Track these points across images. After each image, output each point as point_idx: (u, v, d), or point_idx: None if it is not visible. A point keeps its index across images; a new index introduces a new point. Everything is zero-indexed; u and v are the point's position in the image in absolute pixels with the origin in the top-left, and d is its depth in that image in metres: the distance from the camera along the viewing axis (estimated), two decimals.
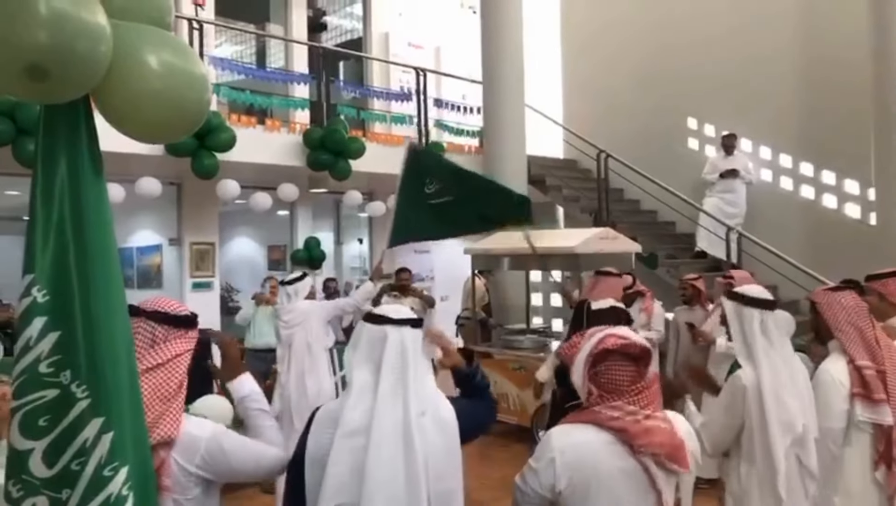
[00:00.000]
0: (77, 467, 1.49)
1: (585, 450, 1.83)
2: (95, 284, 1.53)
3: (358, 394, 1.83)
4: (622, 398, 1.84)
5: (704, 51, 8.55)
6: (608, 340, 1.86)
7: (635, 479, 1.82)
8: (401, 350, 1.84)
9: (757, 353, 2.43)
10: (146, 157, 6.27)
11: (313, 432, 1.87)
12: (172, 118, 1.56)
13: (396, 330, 1.87)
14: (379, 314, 1.91)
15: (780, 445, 2.36)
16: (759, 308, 2.45)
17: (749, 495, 2.44)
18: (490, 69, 8.04)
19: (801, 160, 7.96)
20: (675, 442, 1.83)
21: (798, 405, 2.39)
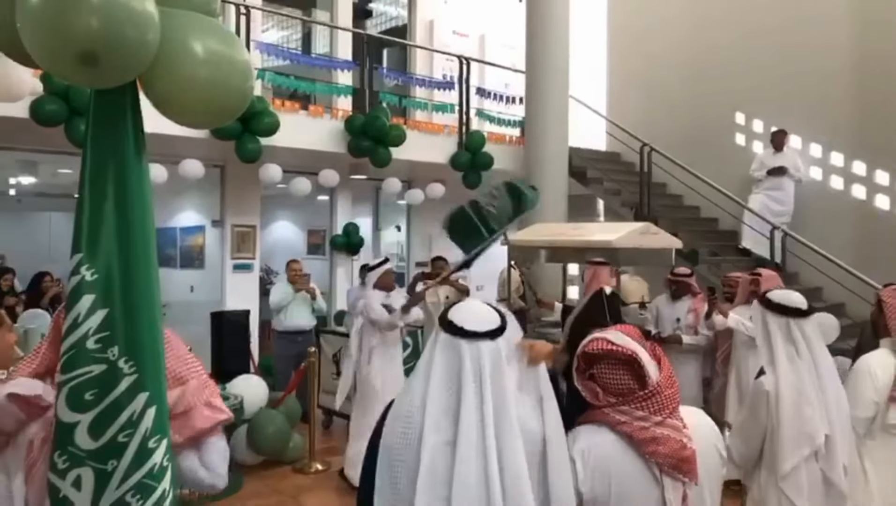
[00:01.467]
0: (124, 438, 1.56)
1: (604, 453, 1.81)
2: (138, 264, 1.58)
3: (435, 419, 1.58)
4: (629, 403, 1.81)
5: (754, 45, 8.32)
6: (592, 343, 1.83)
7: (646, 481, 1.80)
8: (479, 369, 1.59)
9: (779, 360, 2.38)
10: (191, 139, 6.38)
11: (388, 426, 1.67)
12: (216, 104, 1.59)
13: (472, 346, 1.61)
14: (458, 326, 1.63)
15: (790, 454, 2.32)
16: (786, 316, 2.41)
17: (767, 503, 2.40)
18: (534, 59, 7.97)
19: (854, 159, 7.71)
20: (683, 454, 1.78)
21: (821, 416, 2.33)
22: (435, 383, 1.59)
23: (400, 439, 1.59)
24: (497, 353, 1.61)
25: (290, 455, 5.46)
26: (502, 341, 1.63)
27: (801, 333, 2.38)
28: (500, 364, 1.61)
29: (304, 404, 5.89)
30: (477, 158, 8.46)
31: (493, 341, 1.62)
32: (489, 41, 10.76)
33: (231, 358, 6.48)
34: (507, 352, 1.64)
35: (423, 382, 1.61)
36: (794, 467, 2.32)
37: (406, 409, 1.61)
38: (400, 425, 1.60)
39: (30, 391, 1.65)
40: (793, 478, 2.33)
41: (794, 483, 2.34)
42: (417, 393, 1.61)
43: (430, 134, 8.48)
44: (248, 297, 8.07)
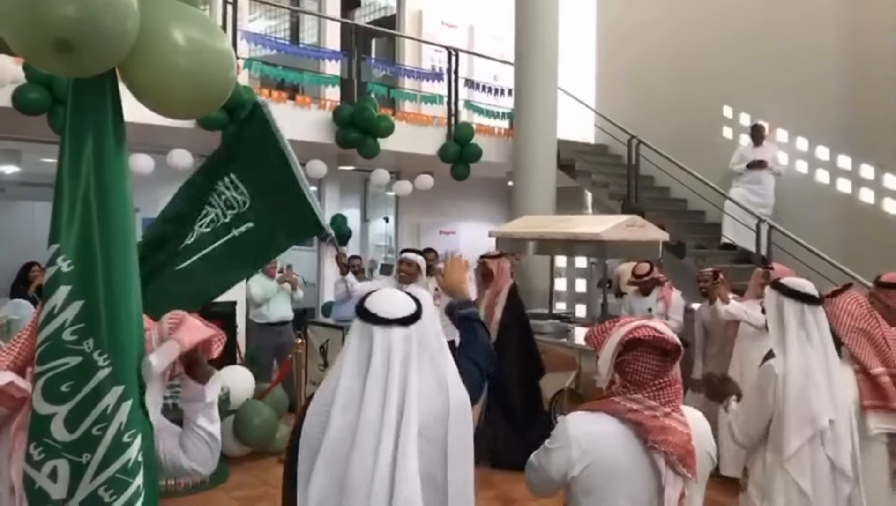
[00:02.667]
0: (98, 432, 1.54)
1: (601, 440, 1.82)
2: (116, 256, 1.56)
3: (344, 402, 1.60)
4: (643, 391, 1.83)
5: (743, 39, 8.34)
6: (641, 330, 1.84)
7: (645, 474, 1.81)
8: (387, 355, 1.60)
9: (790, 345, 2.43)
10: (177, 129, 6.32)
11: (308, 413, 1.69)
12: (197, 94, 1.58)
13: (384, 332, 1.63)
14: (370, 312, 1.65)
15: (793, 436, 2.36)
16: (801, 302, 2.45)
17: (772, 486, 2.43)
18: (523, 50, 7.95)
19: (839, 153, 7.76)
20: (689, 447, 1.81)
21: (827, 401, 2.38)
22: (346, 368, 1.61)
23: (315, 426, 1.61)
24: (408, 340, 1.62)
25: (276, 446, 5.44)
26: (415, 329, 1.64)
27: (815, 320, 2.43)
28: (410, 352, 1.62)
29: (290, 396, 5.88)
30: (466, 150, 8.44)
31: (405, 328, 1.63)
32: (478, 32, 10.73)
33: None
34: (419, 339, 1.64)
35: (337, 368, 1.63)
36: (798, 448, 2.36)
37: (322, 396, 1.64)
38: (316, 411, 1.62)
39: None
40: (797, 459, 2.38)
41: (798, 464, 2.38)
42: (332, 379, 1.63)
43: (418, 125, 8.45)
44: (234, 289, 7.99)
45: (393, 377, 1.59)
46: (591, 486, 1.83)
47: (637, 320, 1.90)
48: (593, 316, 8.42)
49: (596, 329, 1.97)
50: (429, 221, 10.25)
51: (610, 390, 1.89)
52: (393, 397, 1.58)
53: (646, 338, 1.83)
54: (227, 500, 4.69)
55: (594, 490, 1.83)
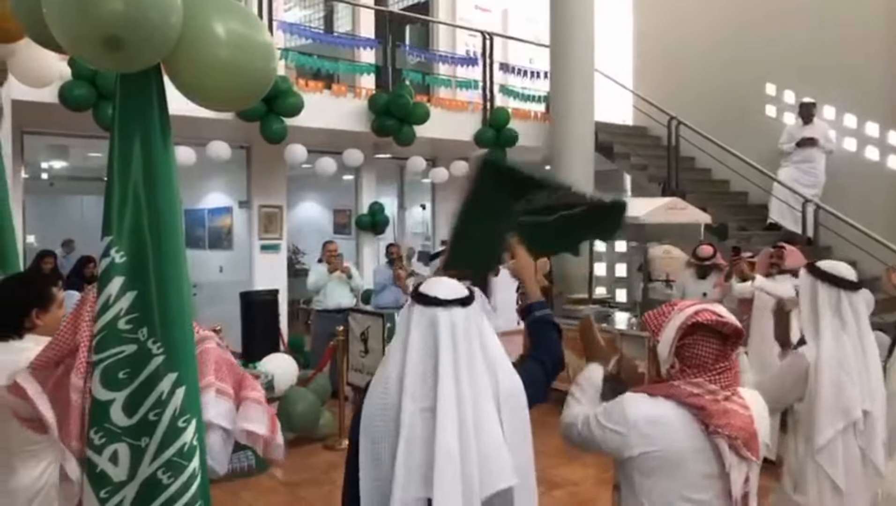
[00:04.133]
0: (154, 417, 1.59)
1: (661, 425, 1.80)
2: (166, 246, 1.60)
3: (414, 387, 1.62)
4: (703, 375, 1.81)
5: (785, 14, 8.09)
6: (702, 314, 1.82)
7: (707, 460, 1.79)
8: (452, 337, 1.63)
9: (824, 332, 2.34)
10: (216, 121, 6.42)
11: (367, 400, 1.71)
12: (239, 86, 1.60)
13: (447, 313, 1.65)
14: (429, 296, 1.69)
15: (826, 426, 2.29)
16: (838, 287, 2.35)
17: (805, 475, 2.37)
18: (559, 33, 7.85)
19: (889, 129, 7.50)
20: (752, 430, 1.79)
21: (861, 391, 2.29)
22: (412, 353, 1.62)
23: (379, 410, 1.62)
24: (468, 320, 1.66)
25: (320, 432, 5.54)
26: (472, 310, 1.68)
27: (851, 307, 2.33)
28: (471, 330, 1.66)
29: (333, 382, 5.96)
30: (501, 135, 8.40)
31: (464, 309, 1.67)
32: (512, 15, 10.62)
33: (261, 337, 6.57)
34: (476, 319, 1.68)
35: (400, 353, 1.65)
36: (830, 439, 2.29)
37: (383, 383, 1.65)
38: (378, 398, 1.64)
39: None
40: (828, 451, 2.31)
41: (830, 456, 2.31)
42: (394, 366, 1.64)
43: (453, 111, 8.42)
44: (277, 277, 8.15)
45: (460, 353, 1.62)
46: (649, 468, 1.81)
47: (697, 304, 1.88)
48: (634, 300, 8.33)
49: (653, 313, 1.94)
50: None
51: (669, 373, 1.86)
52: (463, 374, 1.61)
53: (707, 322, 1.80)
54: (273, 485, 4.79)
55: (653, 473, 1.81)
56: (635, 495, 1.86)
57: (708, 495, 1.80)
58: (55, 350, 1.71)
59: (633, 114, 9.77)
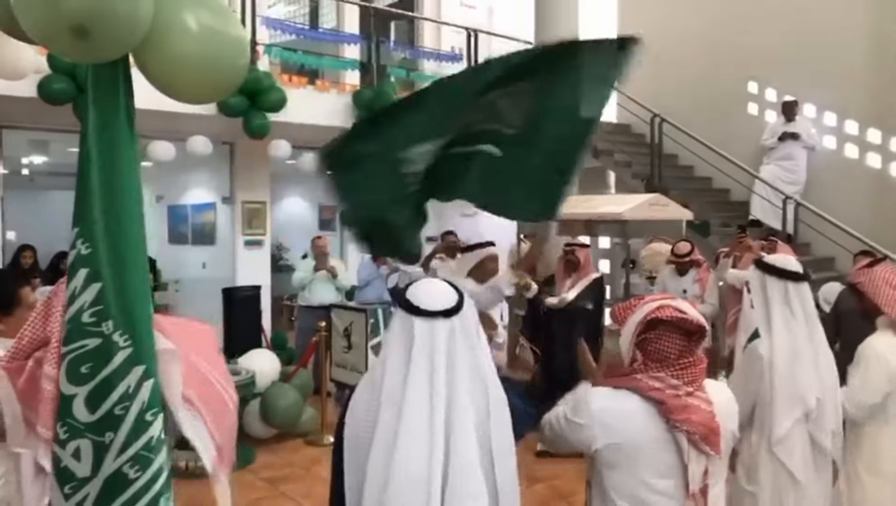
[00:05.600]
0: (121, 411, 1.58)
1: (624, 417, 1.83)
2: (130, 238, 1.59)
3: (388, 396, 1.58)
4: (666, 370, 1.83)
5: (768, 14, 8.15)
6: (664, 309, 1.84)
7: (669, 451, 1.81)
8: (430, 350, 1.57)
9: (775, 323, 2.39)
10: (198, 116, 6.37)
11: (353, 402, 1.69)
12: (210, 79, 1.59)
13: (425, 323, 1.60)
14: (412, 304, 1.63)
15: (783, 417, 2.33)
16: (784, 279, 2.40)
17: (758, 466, 2.41)
18: (543, 30, 7.84)
19: (869, 127, 7.59)
20: (712, 425, 1.81)
21: (813, 379, 2.34)
22: (389, 362, 1.59)
23: (363, 414, 1.60)
24: (452, 332, 1.59)
25: (302, 428, 5.53)
26: (457, 320, 1.61)
27: (799, 298, 2.39)
28: (454, 344, 1.58)
29: (316, 378, 5.94)
30: None
31: (446, 320, 1.60)
32: (497, 12, 10.62)
33: (243, 333, 6.54)
34: (462, 331, 1.61)
35: (382, 358, 1.62)
36: (788, 429, 2.33)
37: (370, 386, 1.62)
38: (363, 401, 1.62)
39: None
40: (785, 441, 2.35)
41: (787, 447, 2.35)
42: (378, 370, 1.61)
43: None
44: (260, 273, 8.12)
45: (438, 369, 1.56)
46: (613, 461, 1.84)
47: (661, 299, 1.89)
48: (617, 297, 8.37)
49: (620, 306, 1.97)
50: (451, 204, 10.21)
51: (632, 366, 1.88)
52: (440, 390, 1.55)
53: (668, 318, 1.82)
54: (254, 480, 4.78)
55: (617, 465, 1.84)
56: (603, 489, 1.88)
57: (671, 486, 1.83)
58: (25, 342, 1.69)
59: (616, 111, 9.80)
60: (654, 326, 1.84)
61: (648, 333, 1.85)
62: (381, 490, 1.51)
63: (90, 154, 1.56)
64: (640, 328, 1.85)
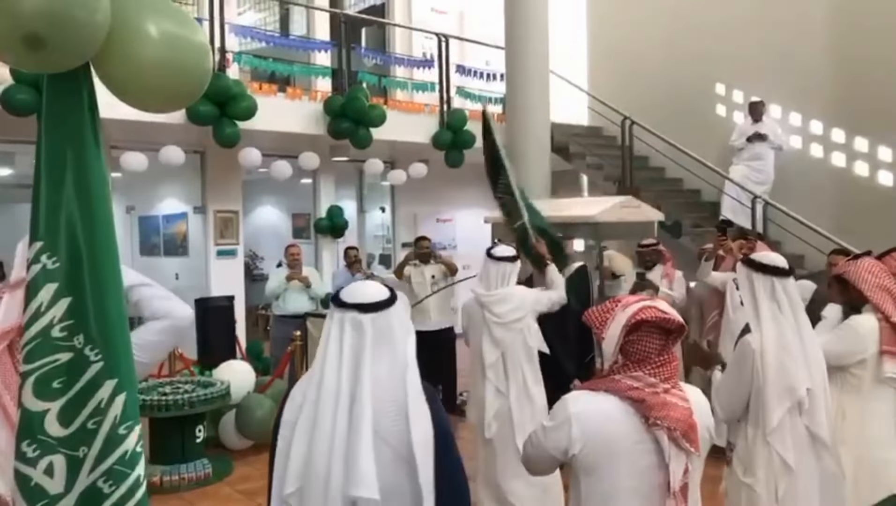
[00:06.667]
0: (93, 425, 1.55)
1: (602, 418, 1.83)
2: (101, 251, 1.56)
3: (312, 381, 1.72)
4: (644, 369, 1.84)
5: (734, 16, 8.29)
6: (646, 311, 1.85)
7: (647, 452, 1.82)
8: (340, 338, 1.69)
9: (764, 318, 2.46)
10: (168, 125, 6.32)
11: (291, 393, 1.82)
12: (171, 87, 1.56)
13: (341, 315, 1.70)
14: (337, 298, 1.75)
15: (776, 407, 2.39)
16: (770, 275, 2.48)
17: (754, 458, 2.46)
18: (513, 35, 7.90)
19: (833, 126, 7.74)
20: (690, 421, 1.82)
21: (804, 371, 2.41)
22: (319, 353, 1.73)
23: (298, 401, 1.74)
24: (362, 328, 1.69)
25: None
26: (371, 318, 1.70)
27: (785, 292, 2.47)
28: (363, 341, 1.68)
29: None
30: (459, 137, 8.43)
31: (360, 314, 1.70)
32: (468, 17, 10.67)
33: (216, 344, 6.47)
34: (379, 329, 1.70)
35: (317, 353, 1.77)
36: (781, 420, 2.40)
37: (307, 377, 1.77)
38: (300, 390, 1.76)
39: None
40: (779, 432, 2.41)
41: (780, 436, 2.41)
42: (318, 361, 1.74)
43: (410, 113, 8.43)
44: (234, 282, 8.04)
45: (345, 362, 1.67)
46: (591, 464, 1.84)
47: (640, 301, 1.91)
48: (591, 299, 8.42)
49: (597, 309, 1.97)
50: (425, 210, 10.24)
51: (611, 368, 1.89)
52: (344, 383, 1.66)
53: (651, 319, 1.84)
54: (231, 493, 4.72)
55: (595, 469, 1.84)
56: (582, 493, 1.89)
57: (649, 487, 1.83)
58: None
59: (588, 114, 9.89)
60: (636, 327, 1.86)
61: (630, 335, 1.86)
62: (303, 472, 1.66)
63: (53, 166, 1.53)
64: (625, 331, 1.86)
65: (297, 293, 6.80)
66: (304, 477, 1.67)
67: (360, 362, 1.67)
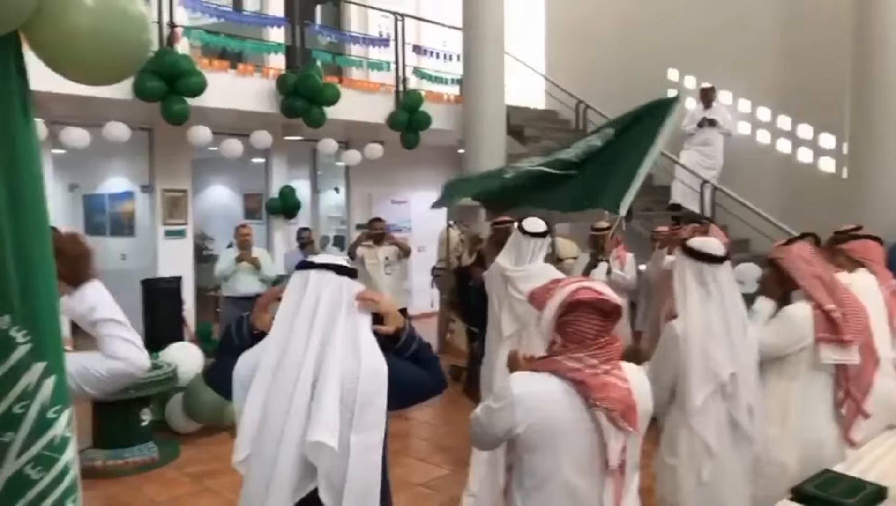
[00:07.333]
0: (20, 410, 1.50)
1: (544, 398, 1.86)
2: (30, 229, 1.50)
3: (274, 341, 1.80)
4: (584, 350, 1.86)
5: (688, 3, 8.41)
6: (582, 291, 1.87)
7: (588, 432, 1.85)
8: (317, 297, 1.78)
9: (691, 303, 2.49)
10: (114, 101, 6.11)
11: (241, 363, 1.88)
12: (107, 59, 1.50)
13: (319, 275, 1.81)
14: (307, 261, 1.88)
15: (698, 390, 2.43)
16: (699, 260, 2.51)
17: (678, 440, 2.51)
18: (470, 15, 7.87)
19: (780, 114, 7.95)
20: (629, 402, 1.86)
21: (727, 356, 2.44)
22: (280, 314, 1.80)
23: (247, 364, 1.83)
24: (339, 288, 1.80)
25: (228, 420, 5.39)
26: (347, 282, 1.82)
27: (714, 279, 2.48)
28: (339, 301, 1.78)
29: None
30: (415, 118, 8.37)
31: (338, 275, 1.82)
32: None
33: (163, 326, 6.34)
34: (347, 294, 1.81)
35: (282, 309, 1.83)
36: (702, 402, 2.44)
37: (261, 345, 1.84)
38: (252, 353, 1.84)
39: None
40: (701, 414, 2.45)
41: (703, 419, 2.45)
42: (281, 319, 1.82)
43: (366, 93, 8.33)
44: (182, 263, 7.88)
45: (318, 321, 1.75)
46: (534, 443, 1.86)
47: (578, 281, 1.93)
48: None
49: (538, 290, 1.99)
50: (380, 191, 10.18)
51: (552, 349, 1.91)
52: (315, 343, 1.73)
53: (587, 299, 1.86)
54: (178, 476, 4.65)
55: (537, 448, 1.87)
56: (522, 474, 1.91)
57: (589, 465, 1.87)
58: None
59: (544, 98, 9.93)
60: (573, 308, 1.87)
61: (568, 315, 1.88)
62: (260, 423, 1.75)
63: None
64: (560, 311, 1.88)
65: (247, 275, 6.66)
66: (256, 440, 1.76)
67: (335, 320, 1.76)
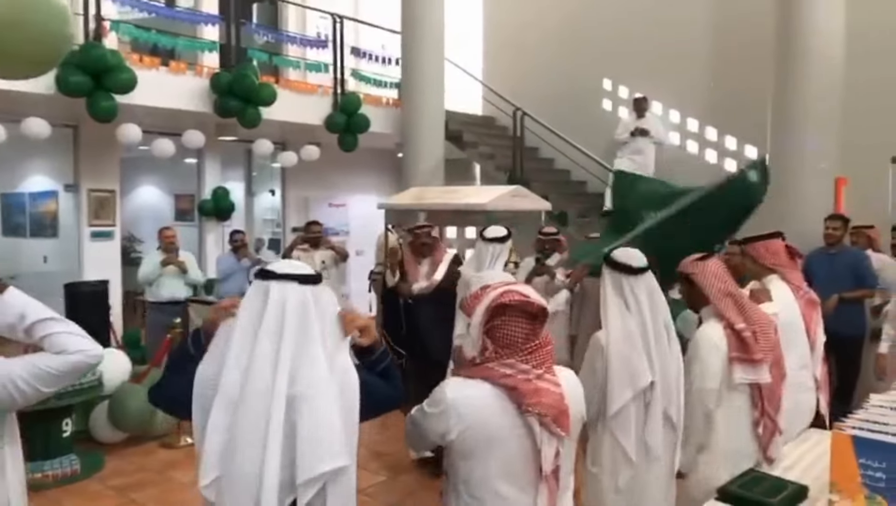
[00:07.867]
0: None
1: (477, 405, 1.85)
2: None
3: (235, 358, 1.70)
4: (515, 356, 1.86)
5: (623, 15, 8.63)
6: (508, 295, 1.86)
7: (520, 438, 1.85)
8: (281, 309, 1.69)
9: (611, 313, 2.53)
10: (34, 95, 5.82)
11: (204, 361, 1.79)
12: (24, 52, 1.44)
13: (280, 286, 1.71)
14: (267, 270, 1.76)
15: (618, 395, 2.47)
16: (618, 272, 2.55)
17: (600, 448, 2.57)
18: (410, 20, 7.88)
19: (707, 125, 8.25)
20: (561, 406, 1.86)
21: (645, 364, 2.47)
22: (240, 325, 1.71)
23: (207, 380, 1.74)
24: (304, 298, 1.71)
25: (156, 430, 5.22)
26: (311, 290, 1.74)
27: (632, 290, 2.52)
28: (307, 311, 1.70)
29: None
30: (353, 121, 8.31)
31: (301, 285, 1.73)
32: None
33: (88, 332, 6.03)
34: (316, 302, 1.73)
35: (228, 330, 1.74)
36: (621, 407, 2.48)
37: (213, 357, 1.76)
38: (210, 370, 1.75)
39: None
40: (621, 420, 2.49)
41: (622, 424, 2.50)
42: (221, 340, 1.75)
43: (303, 94, 8.21)
44: (109, 266, 7.57)
45: (287, 333, 1.67)
46: (467, 450, 1.86)
47: (504, 285, 1.93)
48: None
49: (469, 297, 1.98)
50: (317, 194, 10.04)
51: (484, 356, 1.90)
52: (285, 357, 1.66)
53: (512, 302, 1.86)
54: (102, 489, 4.45)
55: (471, 454, 1.86)
56: (457, 480, 1.91)
57: (523, 471, 1.87)
58: None
59: (482, 104, 10.02)
60: (500, 312, 1.87)
61: (495, 319, 1.88)
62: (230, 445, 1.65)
63: None
64: (487, 316, 1.88)
65: (173, 279, 6.45)
66: (225, 462, 1.67)
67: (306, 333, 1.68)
